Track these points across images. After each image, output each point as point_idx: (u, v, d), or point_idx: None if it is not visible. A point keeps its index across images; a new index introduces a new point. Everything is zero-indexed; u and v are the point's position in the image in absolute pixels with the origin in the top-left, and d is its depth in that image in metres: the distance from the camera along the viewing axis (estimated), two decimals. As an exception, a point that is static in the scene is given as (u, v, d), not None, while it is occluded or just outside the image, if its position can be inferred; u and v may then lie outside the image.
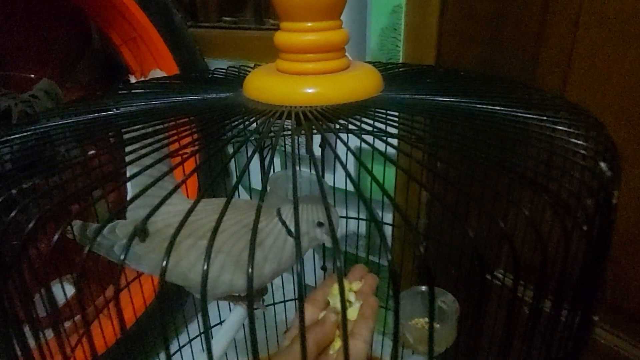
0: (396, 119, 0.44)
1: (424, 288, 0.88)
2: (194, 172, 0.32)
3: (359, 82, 0.50)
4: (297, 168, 0.96)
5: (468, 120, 0.43)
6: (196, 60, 1.17)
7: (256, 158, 1.17)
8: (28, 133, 0.40)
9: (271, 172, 0.87)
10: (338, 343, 0.49)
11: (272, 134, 0.41)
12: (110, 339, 0.93)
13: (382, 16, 0.93)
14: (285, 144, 1.13)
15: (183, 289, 0.63)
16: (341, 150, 0.39)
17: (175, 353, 0.93)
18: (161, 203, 0.28)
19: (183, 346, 0.93)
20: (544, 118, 0.42)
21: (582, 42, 0.76)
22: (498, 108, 0.45)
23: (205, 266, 0.25)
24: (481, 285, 0.25)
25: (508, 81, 0.60)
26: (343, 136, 0.40)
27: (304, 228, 0.56)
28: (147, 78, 0.65)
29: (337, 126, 0.42)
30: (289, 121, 0.44)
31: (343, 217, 0.98)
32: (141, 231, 0.26)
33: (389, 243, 1.10)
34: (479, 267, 0.25)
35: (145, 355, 1.01)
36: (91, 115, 0.45)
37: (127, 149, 0.39)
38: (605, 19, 0.73)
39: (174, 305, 1.09)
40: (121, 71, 1.19)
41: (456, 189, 0.32)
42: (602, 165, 0.34)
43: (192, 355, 0.92)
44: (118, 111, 0.48)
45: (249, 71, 0.57)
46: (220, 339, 0.67)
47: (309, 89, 0.47)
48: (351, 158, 1.00)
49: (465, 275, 0.88)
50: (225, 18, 1.27)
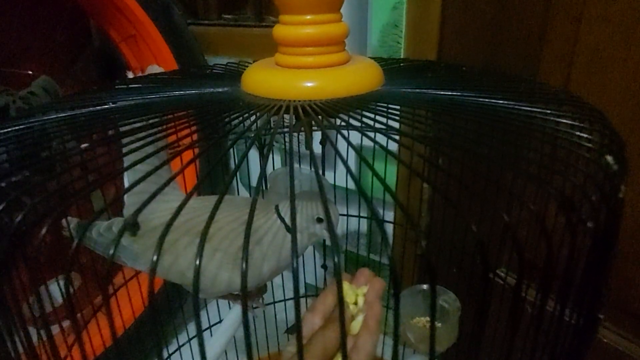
0: (398, 113, 0.43)
1: (425, 286, 0.88)
2: (189, 165, 0.31)
3: (360, 76, 0.49)
4: (297, 165, 0.96)
5: (471, 113, 0.42)
6: (196, 57, 1.16)
7: (256, 155, 1.16)
8: (21, 127, 0.40)
9: (272, 170, 0.87)
10: (339, 358, 0.46)
11: (271, 130, 0.40)
12: (108, 339, 0.92)
13: (383, 13, 0.92)
14: (285, 142, 1.13)
15: (182, 288, 0.63)
16: (341, 147, 0.39)
17: (174, 352, 0.92)
18: (154, 195, 0.27)
19: (182, 345, 0.92)
20: (548, 111, 0.41)
21: (585, 39, 0.75)
22: (501, 102, 0.44)
23: (197, 261, 0.24)
24: (484, 279, 0.24)
25: (511, 76, 0.59)
26: (344, 132, 0.40)
27: (303, 224, 0.56)
28: (145, 74, 0.65)
29: (338, 121, 0.41)
30: (288, 116, 0.43)
31: (343, 215, 0.98)
32: (132, 225, 0.25)
33: (390, 241, 1.09)
34: (482, 261, 0.24)
35: (144, 355, 1.01)
36: (86, 109, 0.45)
37: (124, 142, 0.38)
38: (608, 16, 0.72)
39: (174, 304, 1.08)
40: (121, 69, 1.18)
41: (459, 183, 0.31)
42: (609, 158, 0.33)
43: (192, 354, 0.92)
44: (114, 105, 0.47)
45: (248, 66, 0.56)
46: (218, 338, 0.67)
47: (308, 83, 0.46)
48: (352, 155, 1.01)
49: (467, 273, 0.87)
50: (225, 15, 1.26)
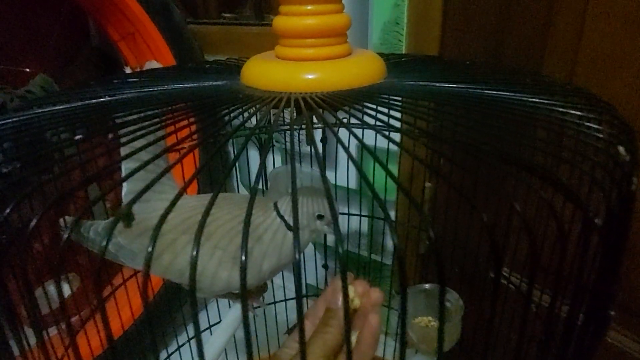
0: (400, 105, 0.42)
1: (427, 286, 0.87)
2: (186, 155, 0.30)
3: (362, 68, 0.48)
4: (298, 164, 0.95)
5: (475, 104, 0.41)
6: (195, 56, 1.15)
7: (257, 154, 1.15)
8: (14, 119, 0.39)
9: (272, 168, 0.86)
10: None
11: (270, 125, 0.39)
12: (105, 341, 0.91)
13: (384, 10, 0.92)
14: (285, 141, 1.12)
15: (182, 287, 0.62)
16: (344, 143, 0.37)
17: (173, 352, 0.91)
18: (150, 185, 0.26)
19: (182, 345, 0.91)
20: (555, 102, 0.40)
21: (590, 33, 0.74)
22: (506, 93, 0.43)
23: (194, 256, 0.23)
24: (495, 279, 0.23)
25: (515, 69, 0.58)
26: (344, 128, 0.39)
27: (304, 221, 0.55)
28: (143, 69, 0.64)
29: (340, 116, 0.40)
30: (288, 112, 0.42)
31: (344, 214, 0.97)
32: (126, 215, 0.24)
33: (392, 240, 1.08)
34: (494, 255, 0.23)
35: (144, 356, 1.00)
36: (82, 102, 0.44)
37: (121, 134, 0.37)
38: (613, 9, 0.71)
39: (173, 304, 1.07)
40: (119, 67, 1.17)
41: (463, 174, 0.30)
42: (620, 149, 0.32)
43: (192, 354, 0.91)
44: (111, 98, 0.46)
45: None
46: (218, 337, 0.65)
47: (309, 75, 0.45)
48: (353, 152, 0.99)
49: (469, 273, 0.86)
50: (225, 14, 1.25)
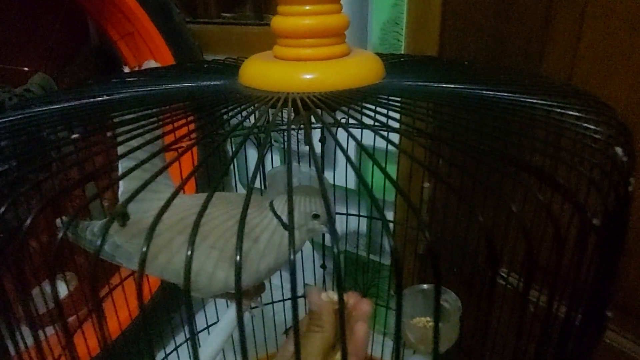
0: (399, 105, 0.42)
1: (425, 286, 0.87)
2: (183, 155, 0.30)
3: (360, 68, 0.48)
4: (297, 164, 0.95)
5: (473, 105, 0.41)
6: (195, 56, 1.15)
7: (256, 154, 1.15)
8: (11, 118, 0.39)
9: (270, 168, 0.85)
10: None
11: (268, 125, 0.39)
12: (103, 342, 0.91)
13: (384, 9, 0.91)
14: (284, 140, 1.12)
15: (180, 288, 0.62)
16: (342, 143, 0.37)
17: (171, 352, 0.91)
18: (146, 184, 0.26)
19: (179, 345, 0.91)
20: (553, 103, 0.40)
21: (589, 34, 0.74)
22: (504, 94, 0.43)
23: (189, 257, 0.23)
24: (491, 279, 0.23)
25: (514, 70, 0.58)
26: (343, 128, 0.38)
27: (300, 220, 0.55)
28: (142, 68, 0.64)
29: (338, 116, 0.40)
30: (286, 112, 0.42)
31: (343, 214, 0.96)
32: (121, 215, 0.24)
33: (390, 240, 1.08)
34: (490, 256, 0.23)
35: (141, 356, 0.99)
36: (79, 101, 0.43)
37: (118, 133, 0.37)
38: (612, 10, 0.71)
39: (171, 303, 1.07)
40: (118, 67, 1.17)
41: (461, 173, 0.30)
42: (618, 150, 0.32)
43: (189, 354, 0.90)
44: (109, 97, 0.46)
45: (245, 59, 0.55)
46: (215, 337, 0.65)
47: (307, 75, 0.45)
48: (351, 153, 0.99)
49: (467, 274, 0.86)
50: (224, 14, 1.25)
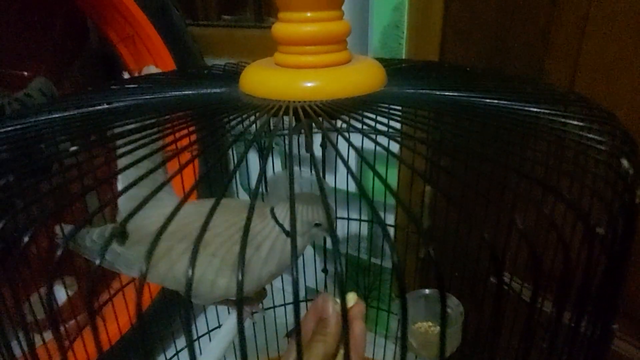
0: (400, 115, 0.41)
1: (428, 291, 0.86)
2: (185, 168, 0.30)
3: (362, 76, 0.47)
4: (298, 169, 0.94)
5: (475, 114, 0.40)
6: (195, 59, 1.15)
7: (256, 158, 1.14)
8: (10, 128, 0.38)
9: (272, 173, 0.85)
10: None
11: (269, 132, 0.39)
12: (103, 345, 0.91)
13: (384, 13, 0.91)
14: (285, 145, 1.11)
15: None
16: (342, 149, 0.37)
17: (172, 358, 0.91)
18: (145, 201, 0.26)
19: (180, 350, 0.91)
20: (556, 112, 0.40)
21: (592, 38, 0.74)
22: (506, 102, 0.43)
23: (190, 271, 0.23)
24: (497, 292, 0.23)
25: (516, 77, 0.58)
26: (345, 134, 0.38)
27: (303, 228, 0.54)
28: (141, 74, 0.63)
29: (339, 123, 0.40)
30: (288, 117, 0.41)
31: (344, 219, 0.96)
32: (120, 234, 0.24)
33: (391, 255, 1.07)
34: (496, 273, 0.22)
35: None
36: (79, 110, 0.43)
37: (118, 145, 0.37)
38: (615, 14, 0.71)
39: (172, 308, 1.06)
40: (119, 71, 1.17)
41: (462, 185, 0.29)
42: (624, 162, 0.31)
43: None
44: (109, 106, 0.45)
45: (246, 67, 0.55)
46: (217, 343, 0.65)
47: (308, 83, 0.45)
48: (352, 158, 0.99)
49: (469, 278, 0.86)
50: (225, 16, 1.25)
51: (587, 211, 0.29)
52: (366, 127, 0.38)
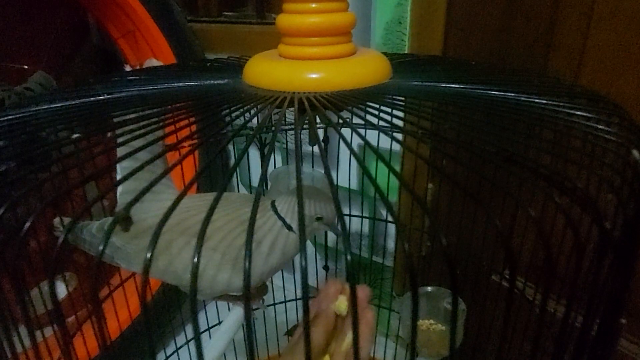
0: (405, 105, 0.41)
1: (430, 289, 0.86)
2: (185, 158, 0.29)
3: (367, 68, 0.47)
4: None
5: (480, 105, 0.40)
6: (196, 55, 1.14)
7: (257, 153, 1.14)
8: (9, 117, 0.38)
9: (273, 168, 0.85)
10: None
11: (272, 127, 0.38)
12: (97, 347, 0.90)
13: (387, 9, 0.91)
14: (287, 141, 1.11)
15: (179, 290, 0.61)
16: (343, 141, 0.37)
17: (172, 354, 0.90)
18: (148, 188, 0.25)
19: (180, 347, 0.90)
20: (563, 104, 0.39)
21: (596, 33, 0.73)
22: (512, 94, 0.42)
23: (196, 264, 0.22)
24: (509, 289, 0.22)
25: (522, 70, 0.57)
26: (344, 130, 0.38)
27: (305, 222, 0.54)
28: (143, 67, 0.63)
29: (343, 116, 0.39)
30: (291, 109, 0.41)
31: (345, 215, 0.96)
32: (123, 218, 0.23)
33: (392, 242, 1.07)
34: (510, 263, 0.22)
35: (142, 357, 0.99)
36: (79, 100, 0.43)
37: (118, 134, 0.36)
38: (620, 9, 0.70)
39: (172, 305, 1.06)
40: (119, 67, 1.16)
41: (469, 177, 0.29)
42: (635, 152, 0.31)
43: (190, 356, 0.90)
44: (109, 97, 0.45)
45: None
46: (218, 340, 0.64)
47: (313, 74, 0.44)
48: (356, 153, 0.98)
49: (471, 275, 0.85)
50: (226, 12, 1.24)
51: (595, 197, 0.29)
52: (370, 119, 0.38)
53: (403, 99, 0.41)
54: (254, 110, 0.40)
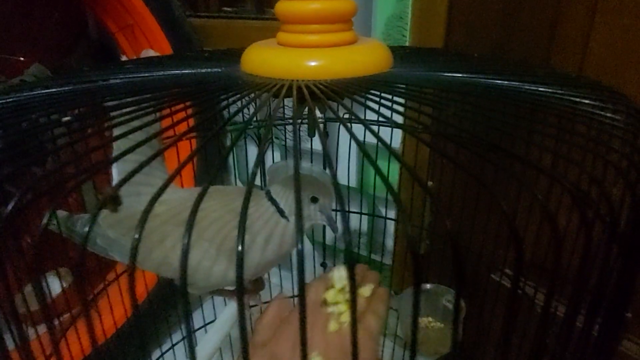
0: (407, 95, 0.40)
1: (429, 286, 0.85)
2: (180, 139, 0.28)
3: (367, 56, 0.46)
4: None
5: (483, 93, 0.39)
6: (195, 49, 1.13)
7: (255, 150, 1.13)
8: (1, 101, 0.37)
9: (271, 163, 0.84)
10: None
11: (269, 119, 0.37)
12: (98, 338, 0.89)
13: (388, 4, 0.90)
14: (286, 137, 1.10)
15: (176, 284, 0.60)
16: (344, 137, 0.36)
17: (167, 351, 0.89)
18: (139, 168, 0.24)
19: (176, 344, 0.89)
20: (569, 93, 0.38)
21: (600, 28, 0.72)
22: (516, 83, 0.42)
23: (184, 254, 0.21)
24: (513, 289, 0.21)
25: (526, 61, 0.56)
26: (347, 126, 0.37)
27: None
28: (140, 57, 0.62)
29: (342, 113, 0.38)
30: (288, 108, 0.40)
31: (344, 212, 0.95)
32: (112, 198, 0.22)
33: (392, 240, 1.06)
34: (515, 249, 0.21)
35: (138, 354, 0.98)
36: (74, 86, 0.42)
37: (112, 116, 0.35)
38: (623, 5, 0.69)
39: (168, 301, 1.05)
40: (117, 60, 1.15)
41: (473, 153, 0.28)
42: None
43: (186, 353, 0.89)
44: (105, 83, 0.44)
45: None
46: (213, 336, 0.64)
47: (312, 62, 0.43)
48: (354, 150, 0.98)
49: (470, 273, 0.84)
50: (225, 8, 1.23)
51: (597, 195, 0.28)
52: (369, 115, 0.37)
53: (404, 86, 0.40)
54: (251, 96, 0.39)
